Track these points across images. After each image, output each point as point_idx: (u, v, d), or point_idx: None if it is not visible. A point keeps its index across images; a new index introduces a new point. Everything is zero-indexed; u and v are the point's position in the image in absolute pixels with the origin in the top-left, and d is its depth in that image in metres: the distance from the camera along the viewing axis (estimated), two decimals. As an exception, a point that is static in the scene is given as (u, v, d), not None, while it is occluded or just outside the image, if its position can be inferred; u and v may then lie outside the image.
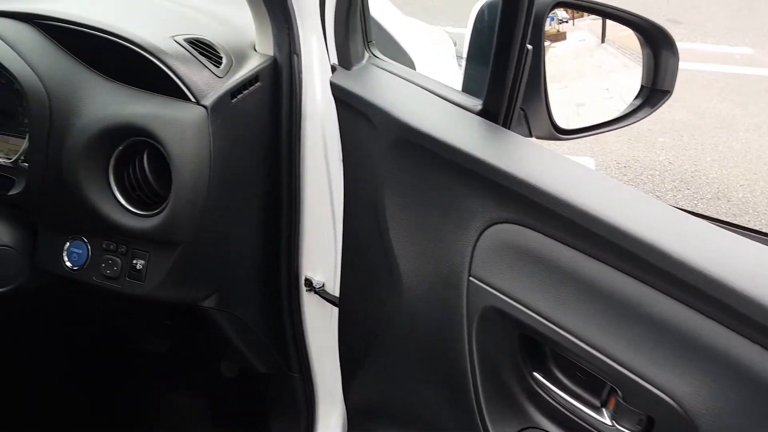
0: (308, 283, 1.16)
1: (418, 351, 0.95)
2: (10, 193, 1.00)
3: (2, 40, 0.95)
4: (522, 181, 0.76)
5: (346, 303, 1.10)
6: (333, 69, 0.99)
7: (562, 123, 0.96)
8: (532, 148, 0.83)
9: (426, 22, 2.06)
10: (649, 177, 3.38)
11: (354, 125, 0.96)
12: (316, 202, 1.09)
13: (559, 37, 1.01)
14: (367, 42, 1.01)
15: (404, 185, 0.90)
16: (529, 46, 0.78)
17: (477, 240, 0.82)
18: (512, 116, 0.84)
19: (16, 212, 1.04)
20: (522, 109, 0.88)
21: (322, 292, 1.16)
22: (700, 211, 3.10)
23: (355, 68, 0.98)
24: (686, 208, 3.12)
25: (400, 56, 1.39)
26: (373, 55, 1.02)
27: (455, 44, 1.91)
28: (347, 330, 1.11)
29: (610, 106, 1.17)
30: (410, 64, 1.39)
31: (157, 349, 1.54)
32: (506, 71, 0.79)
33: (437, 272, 0.87)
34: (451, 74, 1.63)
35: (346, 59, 0.97)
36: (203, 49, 0.99)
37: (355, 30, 0.96)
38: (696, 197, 3.21)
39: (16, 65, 0.94)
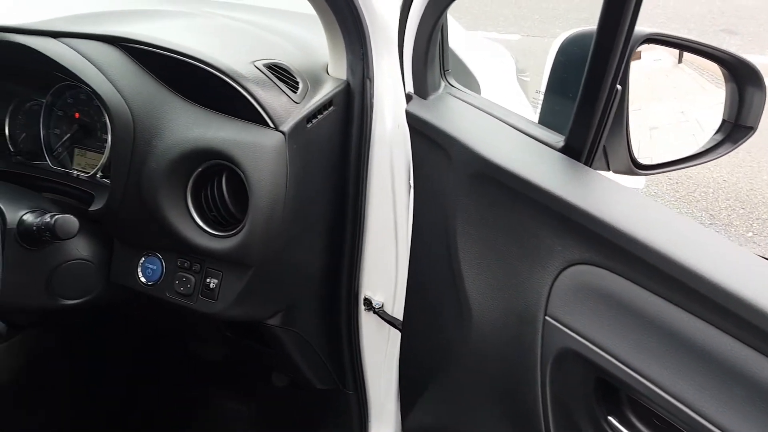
0: (367, 302, 1.17)
1: (485, 384, 0.94)
2: (91, 208, 1.03)
3: (90, 61, 0.98)
4: (605, 223, 0.74)
5: (410, 328, 1.10)
6: (408, 98, 0.98)
7: (635, 147, 0.93)
8: (616, 188, 0.81)
9: (469, 26, 2.03)
10: (702, 194, 3.28)
11: (429, 155, 0.96)
12: (379, 225, 1.10)
13: (634, 56, 0.98)
14: (444, 71, 1.00)
15: (479, 218, 0.89)
16: (619, 87, 0.76)
17: (555, 279, 0.80)
18: (595, 154, 0.82)
19: (95, 227, 1.07)
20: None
21: (381, 313, 1.16)
22: (755, 232, 3.00)
23: (431, 97, 0.97)
24: (741, 228, 2.99)
25: (466, 77, 1.38)
26: (450, 84, 1.01)
27: (514, 59, 1.88)
28: (410, 355, 1.11)
29: (686, 129, 1.12)
30: (476, 86, 1.38)
31: (213, 357, 1.57)
32: (593, 110, 0.77)
33: (511, 308, 0.86)
34: (514, 94, 1.61)
35: (422, 88, 0.97)
36: (281, 74, 1.00)
37: (433, 59, 0.95)
38: (751, 217, 3.10)
39: (103, 86, 0.97)
